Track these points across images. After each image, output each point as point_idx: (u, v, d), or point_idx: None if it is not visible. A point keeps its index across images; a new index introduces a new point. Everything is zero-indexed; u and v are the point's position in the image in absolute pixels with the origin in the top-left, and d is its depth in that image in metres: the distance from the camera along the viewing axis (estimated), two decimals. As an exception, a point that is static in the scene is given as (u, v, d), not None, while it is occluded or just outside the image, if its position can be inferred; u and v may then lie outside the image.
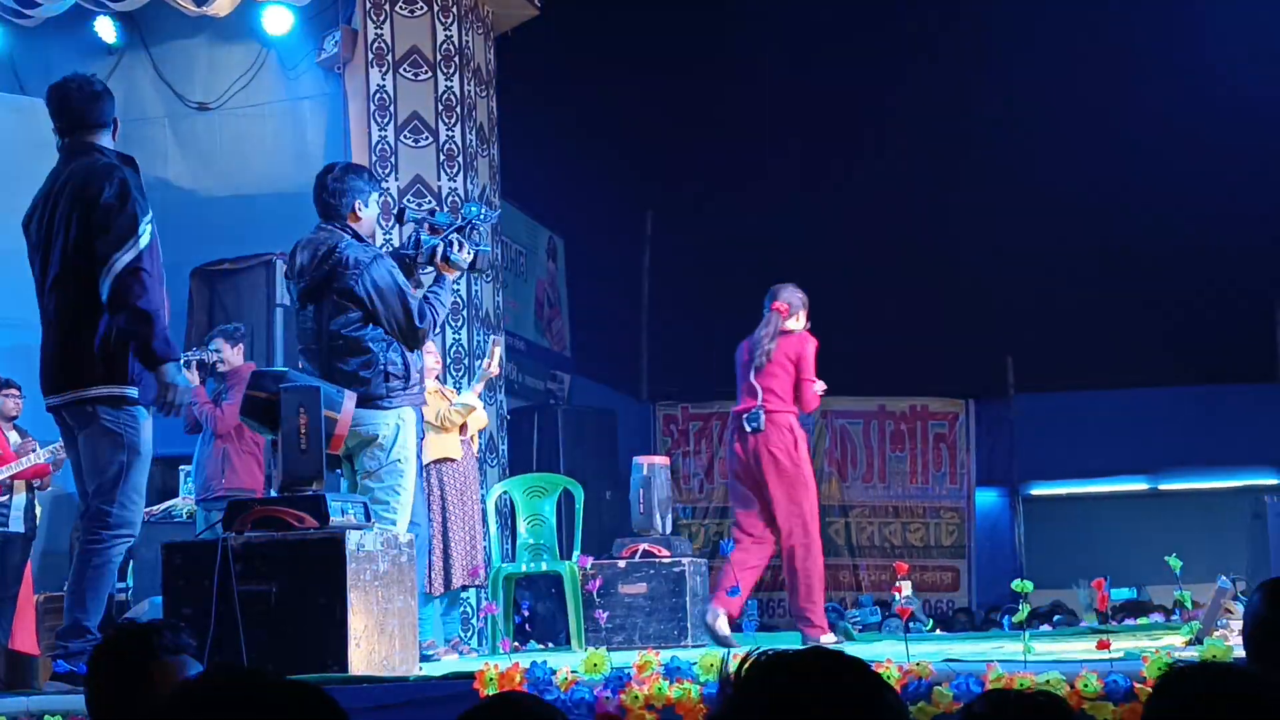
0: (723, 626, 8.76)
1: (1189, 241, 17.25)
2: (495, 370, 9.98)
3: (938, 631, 11.34)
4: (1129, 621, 11.79)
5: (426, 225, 7.77)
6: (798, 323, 9.10)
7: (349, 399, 6.62)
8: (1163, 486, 17.88)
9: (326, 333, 7.26)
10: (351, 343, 7.20)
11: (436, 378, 9.78)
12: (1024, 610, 6.12)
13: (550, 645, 10.49)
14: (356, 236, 7.31)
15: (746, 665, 2.15)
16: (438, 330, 7.55)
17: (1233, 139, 16.86)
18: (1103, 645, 5.72)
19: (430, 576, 9.29)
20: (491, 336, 11.08)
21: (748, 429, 8.87)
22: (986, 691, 2.43)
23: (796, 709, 2.07)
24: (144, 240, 6.17)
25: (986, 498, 17.08)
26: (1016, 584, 6.09)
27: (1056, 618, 13.79)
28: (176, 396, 6.25)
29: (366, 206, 7.39)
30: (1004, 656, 5.98)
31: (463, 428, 9.58)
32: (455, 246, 7.48)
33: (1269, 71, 16.32)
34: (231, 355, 9.84)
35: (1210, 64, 16.25)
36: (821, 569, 9.02)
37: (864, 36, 17.22)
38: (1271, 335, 17.73)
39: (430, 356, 9.74)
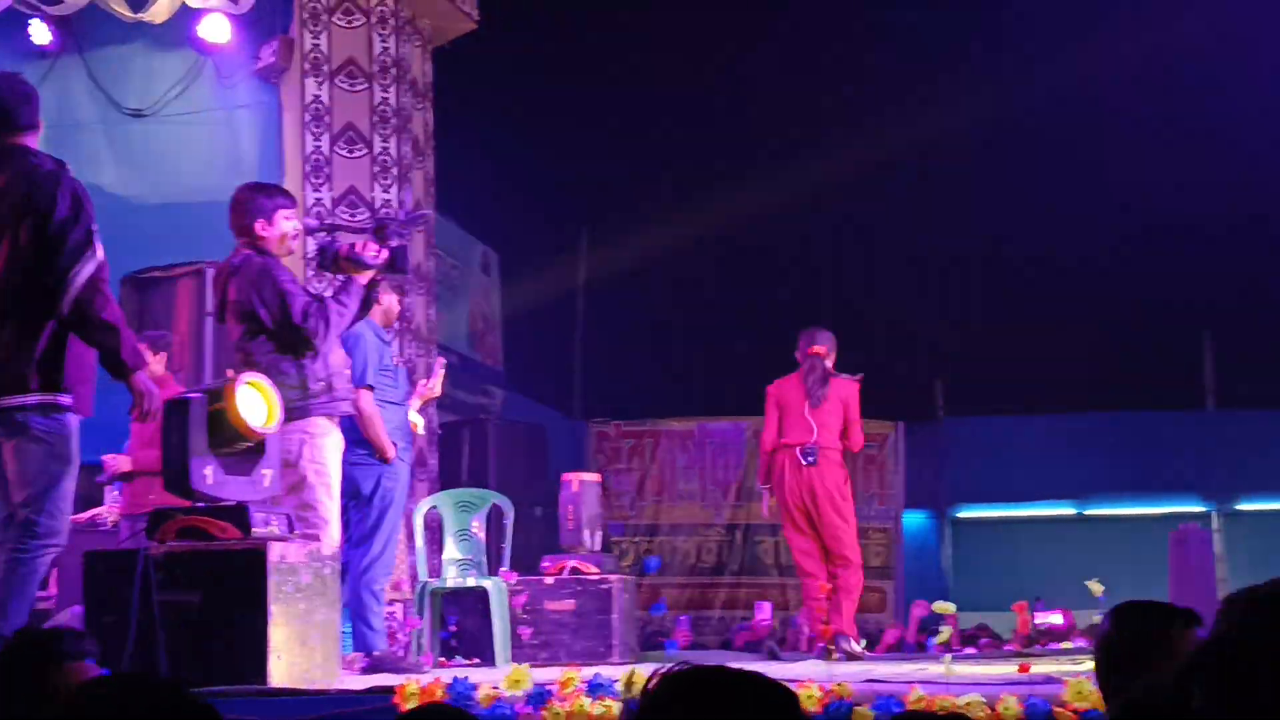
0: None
1: (1118, 268, 17.40)
2: (437, 391, 9.99)
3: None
4: (1052, 646, 11.87)
5: (332, 232, 7.72)
6: (830, 362, 9.84)
7: (244, 385, 6.53)
8: (1089, 512, 17.98)
9: (234, 346, 7.29)
10: (246, 355, 7.20)
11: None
12: (945, 632, 6.16)
13: (477, 661, 10.47)
14: (261, 253, 7.29)
15: (656, 680, 2.16)
16: (337, 334, 7.37)
17: (1161, 166, 17.01)
18: (1024, 669, 5.76)
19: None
20: (438, 358, 11.07)
21: (805, 463, 9.48)
22: (899, 714, 2.45)
23: None
24: (99, 252, 6.10)
25: (914, 520, 17.13)
26: (938, 605, 6.13)
27: (981, 640, 13.86)
28: (152, 404, 6.18)
29: (271, 224, 7.33)
30: (926, 678, 6.01)
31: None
32: (360, 246, 7.38)
33: (1197, 103, 16.51)
34: (153, 363, 9.70)
35: (1139, 96, 16.41)
36: (860, 591, 9.65)
37: (795, 56, 17.30)
38: (1199, 362, 17.88)
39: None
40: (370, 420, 8.36)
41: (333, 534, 7.17)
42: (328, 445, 7.25)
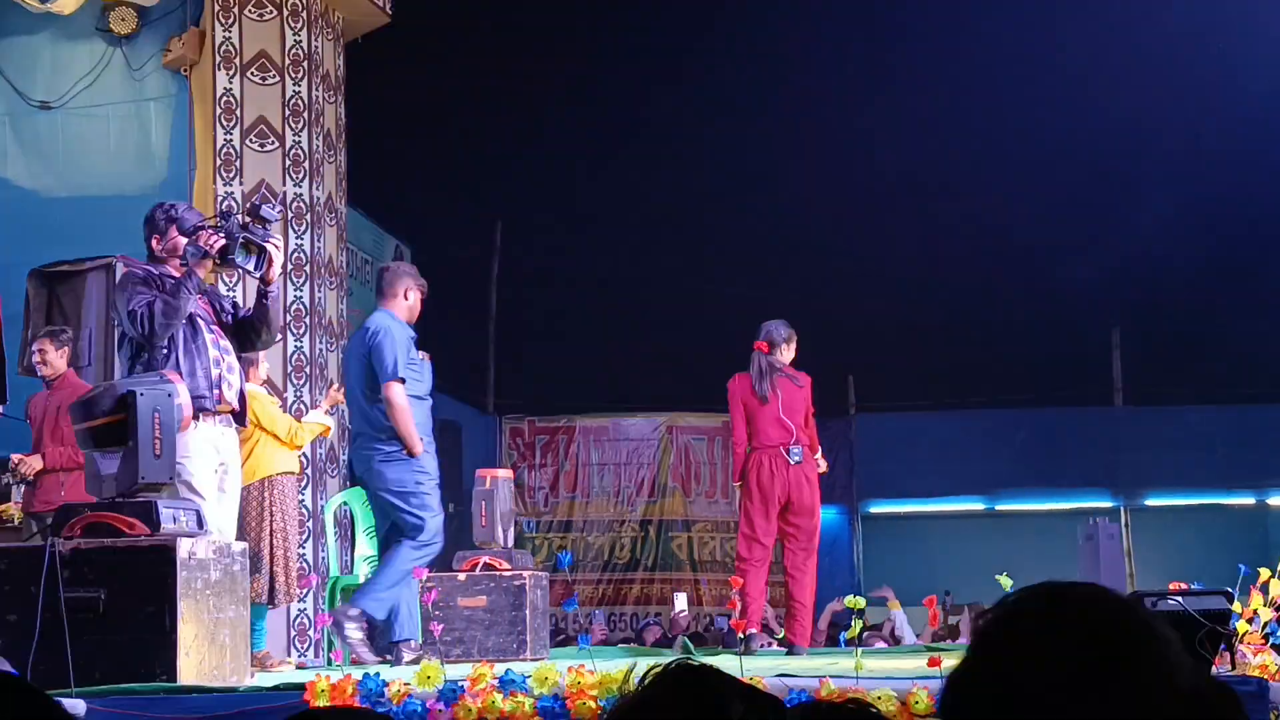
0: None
1: (1029, 265, 17.54)
2: (341, 398, 9.97)
3: (775, 646, 11.42)
4: (963, 640, 11.97)
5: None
6: (792, 354, 9.81)
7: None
8: (999, 507, 18.13)
9: None
10: (120, 360, 7.28)
11: (264, 383, 9.71)
12: (856, 626, 6.17)
13: (389, 658, 10.41)
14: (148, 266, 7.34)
15: (653, 676, 2.14)
16: (168, 327, 7.23)
17: (1073, 165, 17.17)
18: (934, 662, 5.78)
19: (271, 587, 9.24)
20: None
21: (792, 461, 9.50)
22: (798, 705, 2.45)
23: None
24: None
25: (826, 515, 17.17)
26: (849, 600, 6.14)
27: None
28: None
29: (164, 239, 7.34)
30: (837, 672, 6.03)
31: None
32: (200, 239, 7.35)
33: (1109, 103, 16.65)
34: (55, 359, 9.59)
35: (1051, 93, 16.54)
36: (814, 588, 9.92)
37: (706, 57, 17.34)
38: (1107, 360, 18.06)
39: (264, 365, 9.62)
40: (401, 413, 8.42)
41: (224, 530, 7.05)
42: (185, 442, 7.09)
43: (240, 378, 7.46)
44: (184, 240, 7.37)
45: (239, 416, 7.45)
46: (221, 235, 7.27)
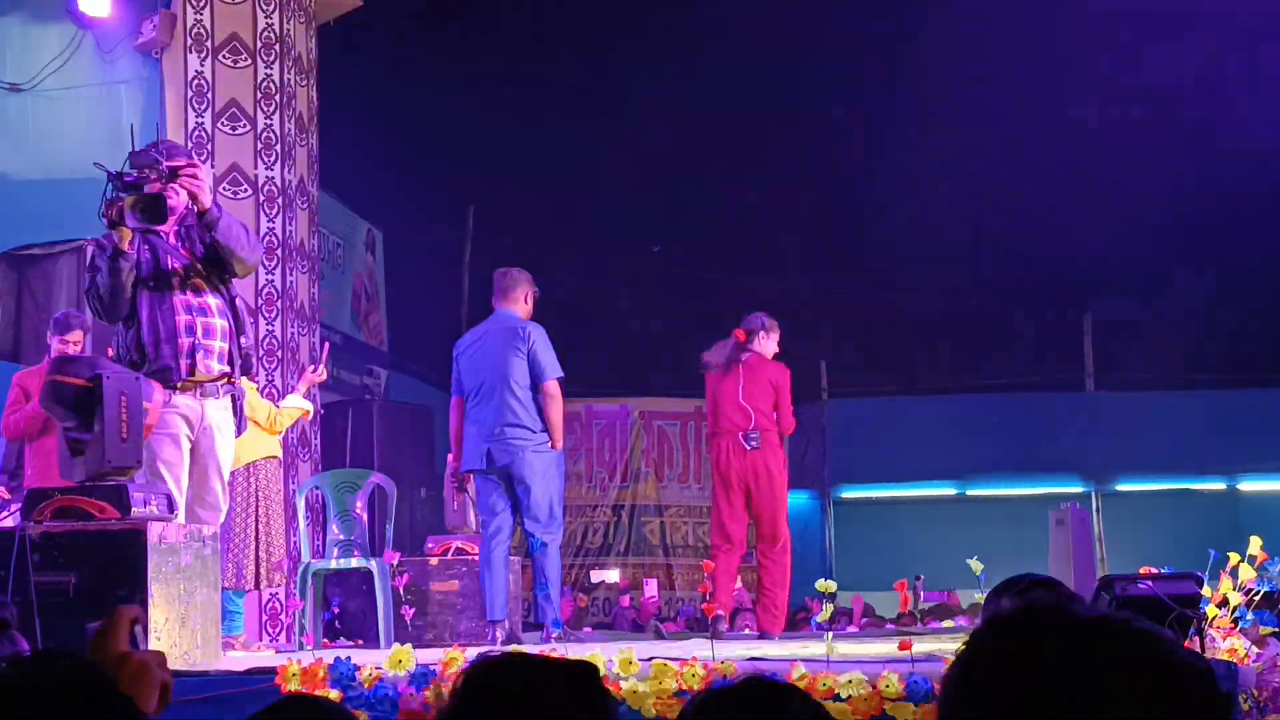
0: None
1: (1001, 251, 17.57)
2: (324, 376, 9.96)
3: (747, 631, 11.45)
4: (934, 624, 12.01)
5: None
6: (773, 345, 9.92)
7: (156, 389, 6.49)
8: (970, 492, 18.17)
9: None
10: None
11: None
12: (827, 610, 6.18)
13: (361, 643, 10.41)
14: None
15: (470, 669, 2.16)
16: (103, 298, 7.05)
17: (1046, 153, 17.20)
18: (904, 646, 5.80)
19: (252, 570, 9.22)
20: (325, 341, 11.01)
21: (748, 447, 9.60)
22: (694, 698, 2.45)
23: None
24: None
25: (798, 500, 17.26)
26: (820, 584, 6.16)
27: (864, 620, 14.00)
28: None
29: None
30: (808, 656, 6.04)
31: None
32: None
33: (1085, 92, 16.68)
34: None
35: (1028, 83, 16.57)
36: (788, 573, 9.96)
37: (683, 41, 17.34)
38: (1079, 345, 18.11)
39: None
40: (561, 406, 9.04)
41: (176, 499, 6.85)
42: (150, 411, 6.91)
43: (227, 337, 7.08)
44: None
45: (237, 372, 7.17)
46: (115, 204, 7.07)
